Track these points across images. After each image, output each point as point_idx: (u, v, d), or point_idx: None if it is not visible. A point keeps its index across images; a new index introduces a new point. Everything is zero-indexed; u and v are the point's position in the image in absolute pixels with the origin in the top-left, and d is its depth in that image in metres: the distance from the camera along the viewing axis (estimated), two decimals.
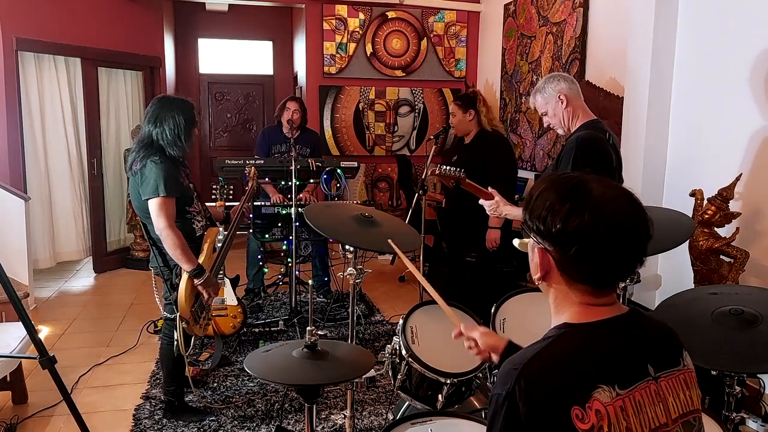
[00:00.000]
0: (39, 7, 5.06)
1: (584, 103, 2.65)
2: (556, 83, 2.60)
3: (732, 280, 2.97)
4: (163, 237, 2.66)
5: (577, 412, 0.97)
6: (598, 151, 2.44)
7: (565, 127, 2.62)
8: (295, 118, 4.49)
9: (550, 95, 2.60)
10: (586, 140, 2.45)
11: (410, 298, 4.85)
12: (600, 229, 1.01)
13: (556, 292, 1.12)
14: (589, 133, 2.48)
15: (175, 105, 2.79)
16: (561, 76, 2.63)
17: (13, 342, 2.91)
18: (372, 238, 2.36)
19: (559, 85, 2.59)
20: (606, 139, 2.51)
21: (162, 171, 2.66)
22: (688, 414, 1.08)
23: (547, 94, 2.62)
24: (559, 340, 1.06)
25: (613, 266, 1.06)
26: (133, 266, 5.90)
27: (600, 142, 2.47)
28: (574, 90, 2.59)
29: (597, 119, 2.61)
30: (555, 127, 2.67)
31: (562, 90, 2.57)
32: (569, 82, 2.60)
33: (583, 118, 2.59)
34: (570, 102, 2.57)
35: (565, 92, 2.57)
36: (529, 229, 1.11)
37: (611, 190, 1.06)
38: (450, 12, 6.48)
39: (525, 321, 2.34)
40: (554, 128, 2.68)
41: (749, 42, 3.12)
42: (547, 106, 2.63)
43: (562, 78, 2.62)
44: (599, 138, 2.48)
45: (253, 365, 1.85)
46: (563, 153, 2.52)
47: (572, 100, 2.58)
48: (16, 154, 4.97)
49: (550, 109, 2.62)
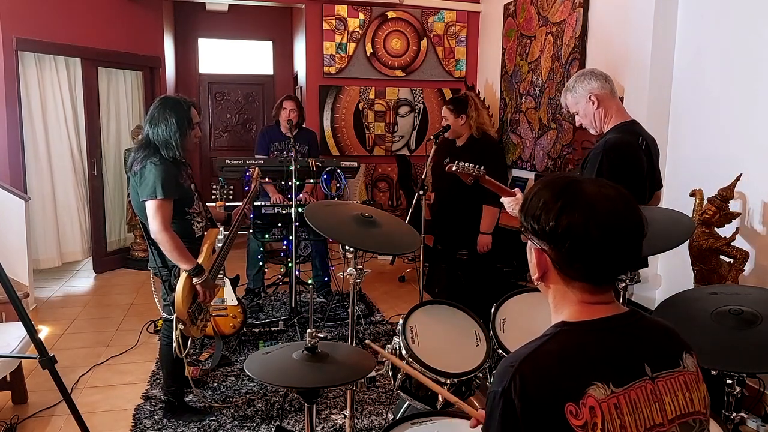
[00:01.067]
0: (39, 7, 5.06)
1: (619, 103, 2.52)
2: (587, 82, 2.46)
3: (732, 280, 2.97)
4: (159, 240, 2.66)
5: (571, 409, 0.98)
6: (626, 157, 2.34)
7: (597, 128, 2.50)
8: (293, 116, 4.51)
9: (581, 95, 2.48)
10: (615, 145, 2.34)
11: (410, 298, 4.85)
12: (591, 225, 1.03)
13: (554, 291, 1.13)
14: (618, 138, 2.37)
15: (169, 106, 2.77)
16: (593, 74, 2.48)
17: (13, 342, 2.91)
18: (372, 238, 2.36)
19: (590, 84, 2.45)
20: (637, 144, 2.40)
21: (161, 172, 2.66)
22: (687, 416, 1.08)
23: (577, 94, 2.49)
24: (556, 337, 1.07)
25: (608, 263, 1.07)
26: (133, 266, 5.90)
27: (629, 148, 2.36)
28: (606, 89, 2.45)
29: (632, 121, 2.50)
30: (587, 127, 2.55)
31: (593, 90, 2.45)
32: (601, 81, 2.46)
33: (617, 119, 2.46)
34: (602, 102, 2.45)
35: (596, 92, 2.44)
36: (525, 229, 1.13)
37: (604, 189, 1.08)
38: (450, 12, 6.48)
39: (525, 321, 2.34)
40: (586, 128, 2.56)
41: (749, 41, 3.13)
42: (578, 106, 2.51)
43: (594, 76, 2.47)
44: (628, 143, 2.37)
45: (253, 367, 1.85)
46: (589, 157, 2.41)
47: (604, 100, 2.45)
48: (16, 154, 4.97)
49: (581, 109, 2.50)
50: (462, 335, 2.33)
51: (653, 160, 2.51)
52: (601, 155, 2.33)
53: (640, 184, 2.45)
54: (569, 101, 2.54)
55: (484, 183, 2.63)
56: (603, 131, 2.49)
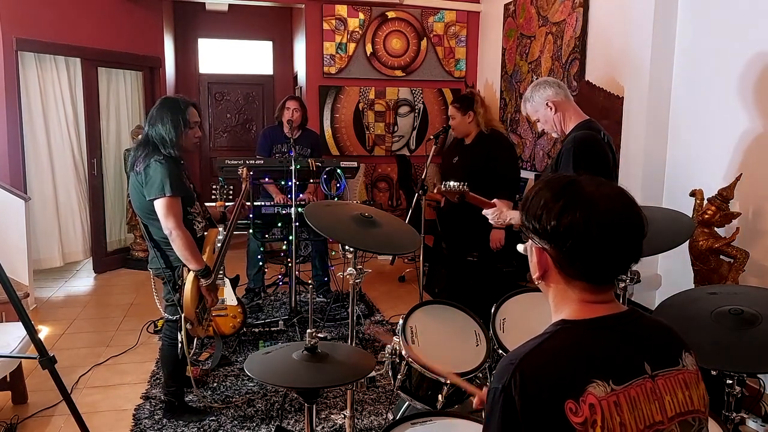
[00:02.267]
0: (39, 7, 5.06)
1: (575, 105, 2.66)
2: (542, 91, 2.61)
3: (732, 280, 2.97)
4: (173, 237, 2.65)
5: (570, 406, 0.98)
6: (596, 150, 2.45)
7: (558, 131, 2.64)
8: (295, 117, 4.50)
9: (538, 103, 2.62)
10: (584, 140, 2.46)
11: (410, 298, 4.85)
12: (592, 224, 1.04)
13: (555, 290, 1.14)
14: (586, 133, 2.49)
15: (167, 105, 2.79)
16: (546, 82, 2.64)
17: (13, 342, 2.91)
18: (372, 238, 2.36)
19: (545, 92, 2.60)
20: (601, 138, 2.51)
21: (166, 170, 2.66)
22: (687, 414, 1.08)
23: (535, 102, 2.64)
24: (556, 335, 1.08)
25: (608, 262, 1.08)
26: (133, 266, 5.90)
27: (597, 142, 2.48)
28: (561, 94, 2.60)
29: (589, 119, 2.62)
30: (549, 132, 2.70)
31: (549, 97, 2.59)
32: (555, 88, 2.60)
33: (576, 119, 2.60)
34: (558, 107, 2.60)
35: (552, 99, 2.59)
36: (526, 229, 1.13)
37: (604, 188, 1.09)
38: (450, 12, 6.48)
39: (525, 321, 2.34)
40: (549, 132, 2.71)
41: (749, 41, 3.13)
42: (537, 114, 2.66)
43: (548, 84, 2.62)
44: (595, 137, 2.49)
45: (253, 367, 1.85)
46: (562, 154, 2.51)
47: (560, 105, 2.60)
48: (16, 154, 4.97)
49: (541, 116, 2.65)
50: (462, 335, 2.33)
51: (614, 154, 2.62)
52: (573, 149, 2.42)
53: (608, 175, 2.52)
54: (529, 110, 2.69)
55: (468, 199, 2.74)
56: (565, 132, 2.61)
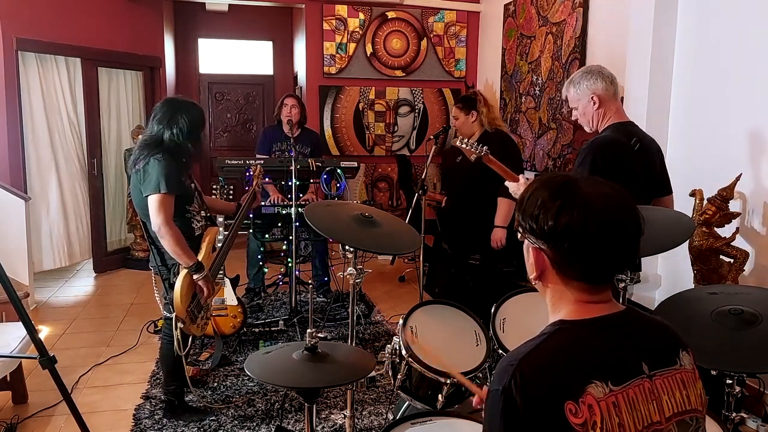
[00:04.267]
0: (39, 7, 5.06)
1: (620, 105, 2.52)
2: (592, 81, 2.45)
3: (732, 280, 2.97)
4: (161, 234, 2.66)
5: (570, 407, 0.98)
6: (613, 156, 2.35)
7: (592, 126, 2.51)
8: (294, 113, 4.49)
9: (584, 93, 2.46)
10: (603, 144, 2.36)
11: (410, 298, 4.85)
12: (590, 224, 1.03)
13: (552, 291, 1.13)
14: (607, 137, 2.39)
15: (186, 107, 2.81)
16: (600, 73, 2.46)
17: (13, 342, 2.91)
18: (372, 238, 2.36)
19: (595, 84, 2.44)
20: (628, 144, 2.40)
21: (164, 168, 2.67)
22: (684, 413, 1.08)
23: (581, 91, 2.47)
24: (554, 336, 1.08)
25: (605, 261, 1.07)
26: (133, 266, 5.90)
27: (617, 147, 2.37)
28: (610, 91, 2.45)
29: (628, 122, 2.50)
30: (581, 124, 2.56)
31: (597, 90, 2.44)
32: (607, 83, 2.44)
33: (614, 119, 2.46)
34: (602, 104, 2.45)
35: (600, 93, 2.44)
36: (522, 229, 1.13)
37: (600, 187, 1.08)
38: (450, 12, 6.48)
39: (525, 321, 2.34)
40: (581, 123, 2.57)
41: (749, 41, 3.13)
42: (579, 103, 2.50)
43: (601, 77, 2.45)
44: (617, 142, 2.38)
45: (254, 367, 1.85)
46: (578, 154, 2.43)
47: (605, 102, 2.45)
48: (16, 154, 4.97)
49: (581, 106, 2.50)
50: (462, 335, 2.33)
51: (651, 163, 2.50)
52: (587, 153, 2.35)
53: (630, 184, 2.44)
54: (571, 95, 2.53)
55: (487, 162, 2.60)
56: (598, 130, 2.50)
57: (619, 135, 2.41)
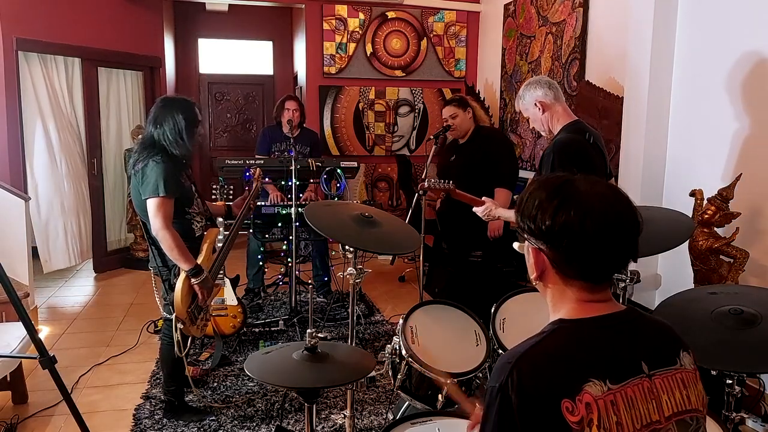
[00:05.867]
0: (39, 7, 5.06)
1: (565, 106, 2.72)
2: (533, 90, 2.68)
3: (732, 280, 2.97)
4: (160, 238, 2.66)
5: (567, 405, 0.98)
6: (575, 154, 2.50)
7: (546, 130, 2.72)
8: (295, 116, 4.51)
9: (528, 102, 2.70)
10: (565, 145, 2.52)
11: (410, 298, 4.85)
12: (587, 223, 1.04)
13: (552, 291, 1.14)
14: (567, 137, 2.55)
15: (176, 105, 2.80)
16: (537, 82, 2.70)
17: (13, 342, 2.91)
18: (372, 238, 2.36)
19: (535, 92, 2.67)
20: (585, 140, 2.56)
21: (163, 171, 2.66)
22: (684, 413, 1.09)
23: (526, 102, 2.71)
24: (553, 334, 1.08)
25: (605, 260, 1.08)
26: (133, 266, 5.90)
27: (577, 145, 2.53)
28: (550, 95, 2.67)
29: (576, 120, 2.68)
30: (539, 130, 2.77)
31: (537, 98, 2.66)
32: (545, 88, 2.66)
33: (563, 120, 2.66)
34: (546, 108, 2.66)
35: (540, 99, 2.66)
36: (522, 230, 1.13)
37: (598, 187, 1.09)
38: (450, 12, 6.48)
39: (525, 321, 2.34)
40: (538, 131, 2.78)
41: (749, 41, 3.12)
42: (528, 113, 2.74)
43: (539, 85, 2.68)
44: (577, 141, 2.54)
45: (253, 367, 1.85)
46: (543, 158, 2.59)
47: (549, 106, 2.66)
48: (16, 154, 4.97)
49: (531, 115, 2.73)
50: (462, 335, 2.33)
51: (603, 153, 2.67)
52: (553, 154, 2.49)
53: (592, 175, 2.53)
54: (521, 108, 2.77)
55: (455, 196, 2.81)
56: (553, 132, 2.68)
57: (574, 134, 2.57)
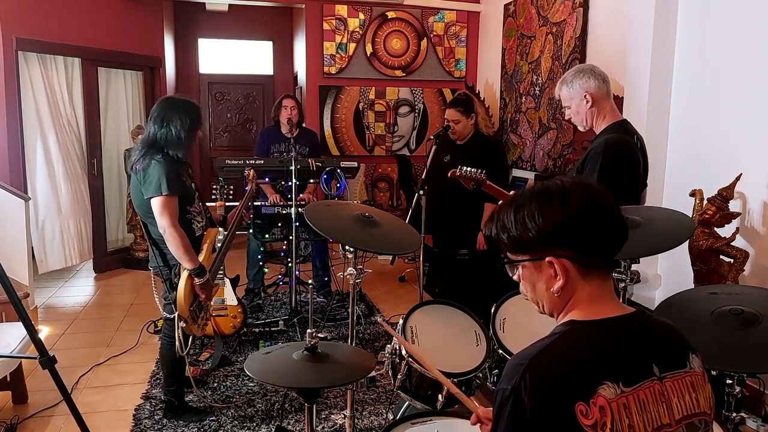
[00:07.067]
0: (39, 7, 5.06)
1: (613, 103, 2.51)
2: (585, 80, 2.44)
3: (732, 280, 2.97)
4: (167, 236, 2.66)
5: (581, 408, 0.98)
6: (627, 156, 2.35)
7: (587, 126, 2.50)
8: (294, 114, 4.51)
9: (576, 92, 2.46)
10: (616, 145, 2.35)
11: (410, 298, 4.85)
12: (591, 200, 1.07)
13: (564, 295, 1.11)
14: (619, 137, 2.38)
15: (182, 106, 2.80)
16: (591, 72, 2.46)
17: (13, 342, 2.91)
18: (372, 238, 2.36)
19: (588, 83, 2.44)
20: (634, 143, 2.40)
21: (165, 170, 2.67)
22: (693, 416, 1.08)
23: (573, 90, 2.47)
24: (565, 336, 1.07)
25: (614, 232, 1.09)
26: (133, 266, 5.90)
27: (629, 148, 2.37)
28: (603, 90, 2.45)
29: (624, 120, 2.51)
30: (574, 123, 2.56)
31: (589, 89, 2.43)
32: (599, 81, 2.44)
33: (610, 118, 2.47)
34: (596, 102, 2.44)
35: (592, 92, 2.43)
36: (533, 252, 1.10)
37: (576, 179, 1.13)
38: (450, 12, 6.48)
39: (525, 321, 2.34)
40: (574, 123, 2.56)
41: (749, 41, 3.12)
42: (571, 102, 2.49)
43: (593, 75, 2.45)
44: (628, 143, 2.38)
45: (253, 367, 1.85)
46: (589, 157, 2.40)
47: (599, 100, 2.45)
48: (16, 154, 4.97)
49: (574, 105, 2.49)
50: (462, 335, 2.33)
51: (646, 159, 2.53)
52: (603, 154, 2.33)
53: (637, 182, 2.47)
54: (563, 94, 2.52)
55: (485, 188, 2.68)
56: (595, 130, 2.50)
57: (624, 134, 2.41)
